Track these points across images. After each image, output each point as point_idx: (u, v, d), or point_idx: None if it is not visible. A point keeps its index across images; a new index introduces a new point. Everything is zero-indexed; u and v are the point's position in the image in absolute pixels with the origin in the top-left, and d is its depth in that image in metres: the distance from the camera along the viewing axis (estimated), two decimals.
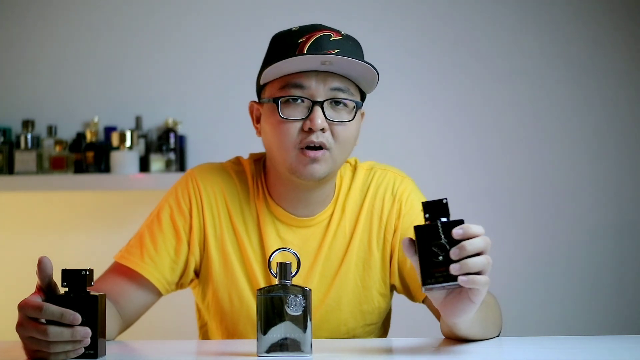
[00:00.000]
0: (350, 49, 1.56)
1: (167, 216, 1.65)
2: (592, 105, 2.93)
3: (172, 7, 2.99)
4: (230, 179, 1.68)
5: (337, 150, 1.55)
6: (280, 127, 1.54)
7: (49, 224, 2.97)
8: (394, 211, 1.67)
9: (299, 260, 1.37)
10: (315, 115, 1.52)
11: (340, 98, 1.54)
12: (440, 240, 1.27)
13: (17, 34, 3.00)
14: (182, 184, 1.68)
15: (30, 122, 2.86)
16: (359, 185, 1.69)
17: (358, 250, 1.66)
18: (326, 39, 1.54)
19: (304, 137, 1.53)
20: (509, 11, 2.95)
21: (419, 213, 1.64)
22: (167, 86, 2.97)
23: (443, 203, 1.30)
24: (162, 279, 1.64)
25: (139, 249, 1.64)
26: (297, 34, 1.55)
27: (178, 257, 1.64)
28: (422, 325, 2.02)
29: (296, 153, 1.54)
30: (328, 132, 1.53)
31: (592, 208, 2.92)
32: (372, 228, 1.67)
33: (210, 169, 1.69)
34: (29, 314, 1.24)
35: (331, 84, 1.53)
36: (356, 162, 1.73)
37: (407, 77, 2.96)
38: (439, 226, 1.28)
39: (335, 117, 1.54)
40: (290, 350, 1.30)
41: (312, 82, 1.53)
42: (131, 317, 1.63)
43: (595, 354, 1.37)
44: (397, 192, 1.68)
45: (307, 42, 1.53)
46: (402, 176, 1.72)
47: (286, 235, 1.64)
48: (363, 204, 1.67)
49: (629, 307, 2.89)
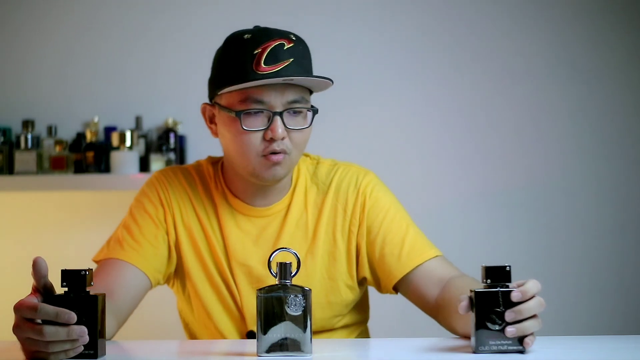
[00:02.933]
0: (302, 54, 1.64)
1: (141, 211, 1.73)
2: (590, 106, 2.93)
3: (172, 7, 2.99)
4: (191, 176, 1.78)
5: (295, 152, 1.65)
6: (242, 137, 1.63)
7: (49, 224, 2.97)
8: (358, 204, 1.74)
9: (298, 260, 1.37)
10: (275, 126, 1.61)
11: (297, 107, 1.63)
12: (499, 308, 1.28)
13: (17, 34, 3.00)
14: (148, 183, 1.79)
15: (30, 122, 2.86)
16: (322, 179, 1.77)
17: (324, 243, 1.72)
18: (280, 49, 1.61)
19: (267, 146, 1.62)
20: (508, 11, 2.95)
21: (383, 205, 1.73)
22: (167, 86, 2.97)
23: (506, 270, 1.31)
24: (147, 264, 1.68)
25: (119, 243, 1.69)
26: (252, 43, 1.61)
27: (158, 243, 1.71)
28: (422, 325, 2.02)
29: (259, 160, 1.63)
30: (287, 139, 1.63)
31: (591, 208, 2.92)
32: (336, 221, 1.73)
33: (172, 169, 1.80)
34: (24, 314, 1.25)
35: (288, 97, 1.62)
36: (318, 158, 1.82)
37: (405, 77, 2.95)
38: (499, 295, 1.29)
39: (294, 124, 1.63)
40: (290, 350, 1.30)
41: (272, 96, 1.61)
42: (127, 308, 1.64)
43: (595, 354, 1.37)
44: (360, 186, 1.75)
45: (263, 54, 1.60)
46: (365, 171, 1.79)
47: (244, 225, 1.72)
48: (326, 197, 1.75)
49: (629, 307, 2.89)
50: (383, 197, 1.75)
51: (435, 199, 2.89)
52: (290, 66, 1.60)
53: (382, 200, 1.74)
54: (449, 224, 2.87)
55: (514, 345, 1.31)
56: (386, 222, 1.72)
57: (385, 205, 1.73)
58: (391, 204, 1.74)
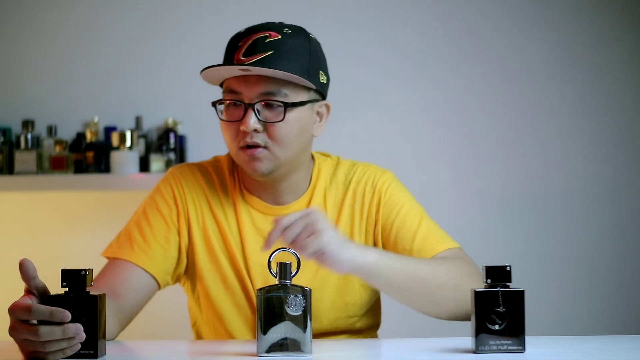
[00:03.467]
0: (290, 48, 1.62)
1: (154, 209, 1.71)
2: (590, 106, 2.93)
3: (172, 7, 2.99)
4: (208, 173, 1.76)
5: (277, 148, 1.62)
6: (224, 129, 1.66)
7: (49, 224, 2.97)
8: (374, 203, 1.73)
9: (299, 260, 1.37)
10: (246, 118, 1.61)
11: (268, 100, 1.61)
12: (499, 308, 1.28)
13: (17, 34, 3.00)
14: (164, 180, 1.76)
15: (30, 122, 2.86)
16: (341, 179, 1.76)
17: None
18: (261, 42, 1.61)
19: (242, 138, 1.62)
20: (508, 11, 2.95)
21: (396, 203, 1.72)
22: (167, 86, 2.97)
23: (506, 270, 1.31)
24: (155, 266, 1.67)
25: (129, 242, 1.68)
26: (242, 35, 1.65)
27: (169, 245, 1.69)
28: (423, 325, 2.02)
29: (237, 152, 1.64)
30: (263, 132, 1.61)
31: (591, 208, 2.92)
32: (354, 220, 1.72)
33: (189, 166, 1.78)
34: (19, 316, 1.25)
35: (262, 89, 1.61)
36: (338, 159, 1.80)
37: (405, 78, 2.95)
38: (499, 294, 1.29)
39: (269, 117, 1.62)
40: (290, 350, 1.30)
41: (243, 88, 1.61)
42: (131, 310, 1.64)
43: (595, 354, 1.37)
44: (376, 184, 1.74)
45: (245, 45, 1.62)
46: (382, 170, 1.78)
47: (261, 223, 1.70)
48: (345, 198, 1.73)
49: (629, 307, 2.89)
50: (397, 195, 1.73)
51: (435, 199, 2.89)
52: (267, 58, 1.59)
53: (396, 198, 1.72)
54: (449, 224, 2.85)
55: (514, 345, 1.31)
56: (399, 218, 1.70)
57: (399, 203, 1.72)
58: (405, 201, 1.73)
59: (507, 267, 1.31)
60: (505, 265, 1.31)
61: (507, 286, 1.31)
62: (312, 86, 1.64)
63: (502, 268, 1.31)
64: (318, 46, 1.70)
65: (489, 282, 1.31)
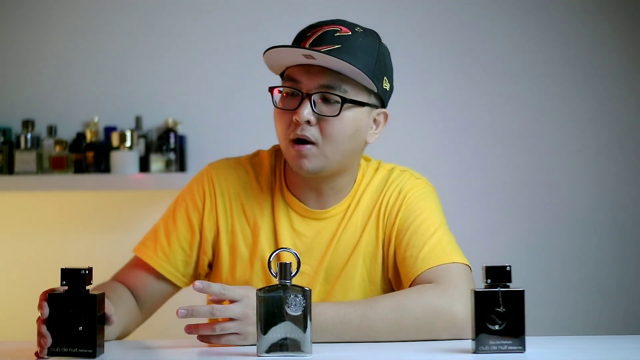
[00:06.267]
0: (359, 46, 1.57)
1: (182, 211, 1.70)
2: (591, 106, 2.93)
3: (172, 7, 2.99)
4: (245, 172, 1.71)
5: (327, 146, 1.57)
6: (277, 116, 1.60)
7: (49, 224, 2.97)
8: (395, 208, 1.68)
9: (299, 260, 1.37)
10: (300, 108, 1.55)
11: (327, 92, 1.55)
12: (499, 308, 1.28)
13: (17, 34, 3.00)
14: (197, 180, 1.72)
15: (30, 122, 2.86)
16: (378, 183, 1.71)
17: (367, 245, 1.67)
18: (330, 34, 1.57)
19: (293, 129, 1.56)
20: (508, 11, 2.95)
21: (415, 209, 1.66)
22: (167, 86, 2.96)
23: (506, 270, 1.31)
24: (176, 272, 1.69)
25: (153, 242, 1.69)
26: (313, 26, 1.61)
27: (192, 251, 1.69)
28: None
29: (287, 144, 1.59)
30: (316, 126, 1.56)
31: (591, 208, 2.91)
32: (379, 223, 1.68)
33: (225, 164, 1.73)
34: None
35: (320, 81, 1.55)
36: (379, 163, 1.75)
37: (405, 77, 2.95)
38: (499, 295, 1.29)
39: (325, 111, 1.56)
40: (290, 350, 1.30)
41: (304, 77, 1.56)
42: (150, 308, 1.70)
43: (595, 354, 1.37)
44: (403, 189, 1.69)
45: (314, 35, 1.57)
46: (416, 177, 1.73)
47: (299, 226, 1.66)
48: (377, 201, 1.69)
49: (629, 307, 2.89)
50: (420, 202, 1.68)
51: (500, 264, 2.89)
52: (333, 50, 1.53)
53: (418, 204, 1.67)
54: (449, 224, 2.87)
55: (514, 345, 1.31)
56: (415, 224, 1.65)
57: (418, 209, 1.66)
58: (425, 209, 1.67)
59: (507, 267, 1.31)
60: (505, 265, 1.31)
61: (507, 286, 1.31)
62: (374, 87, 1.59)
63: (502, 268, 1.31)
64: (387, 53, 1.65)
65: (489, 282, 1.31)
